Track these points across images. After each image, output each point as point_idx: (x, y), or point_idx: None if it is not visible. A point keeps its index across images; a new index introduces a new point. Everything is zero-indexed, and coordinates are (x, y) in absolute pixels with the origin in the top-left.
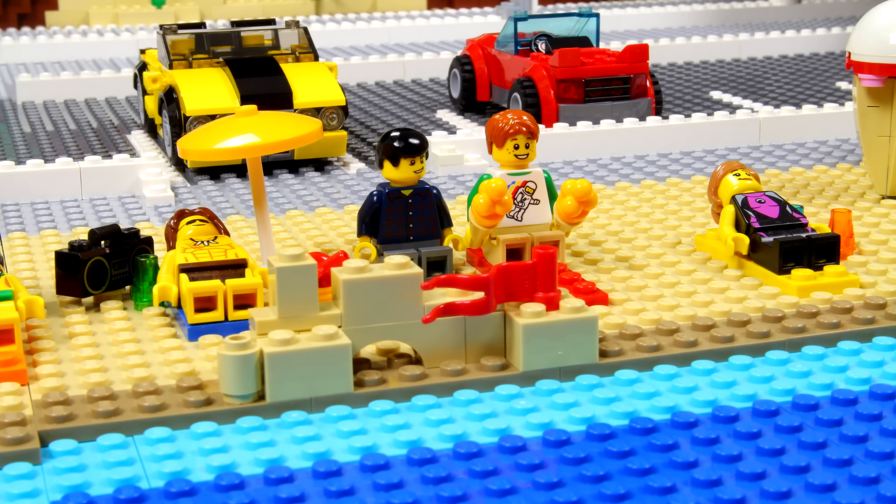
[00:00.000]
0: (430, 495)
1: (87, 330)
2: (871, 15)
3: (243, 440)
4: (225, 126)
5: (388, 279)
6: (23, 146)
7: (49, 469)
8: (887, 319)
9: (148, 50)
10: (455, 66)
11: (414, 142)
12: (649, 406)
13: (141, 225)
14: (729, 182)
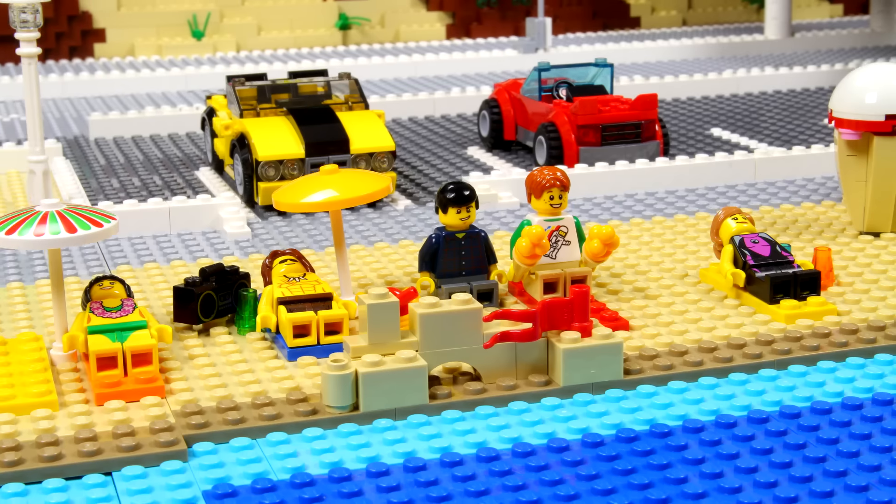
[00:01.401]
0: (497, 484)
1: (203, 352)
2: (849, 78)
3: (345, 442)
4: (310, 182)
5: (456, 313)
6: (108, 185)
7: (195, 465)
8: (859, 343)
9: (214, 96)
10: (484, 108)
11: (463, 194)
12: (665, 414)
13: (227, 259)
14: (728, 225)
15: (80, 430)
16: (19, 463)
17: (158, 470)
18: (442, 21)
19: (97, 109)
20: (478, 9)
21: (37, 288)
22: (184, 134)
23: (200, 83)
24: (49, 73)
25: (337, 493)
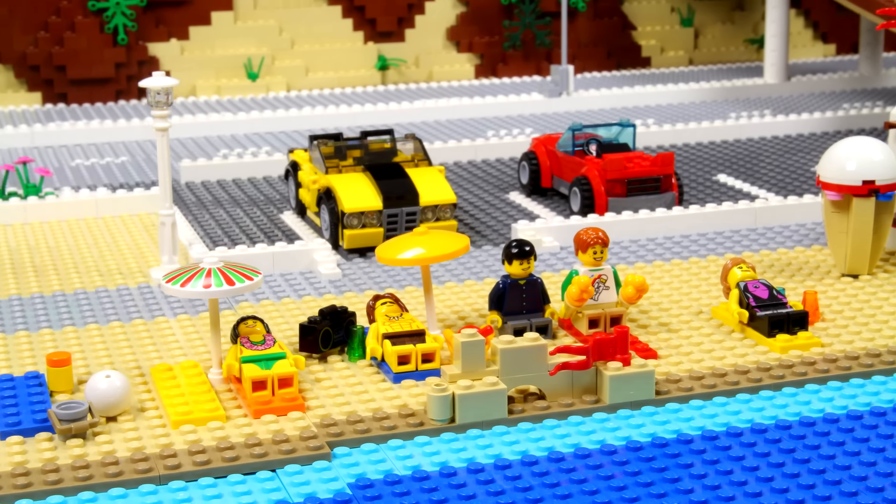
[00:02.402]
0: (564, 479)
1: (326, 376)
2: (833, 148)
3: (447, 446)
4: (405, 241)
5: (528, 348)
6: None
7: (338, 464)
8: (838, 370)
9: (296, 150)
10: (524, 159)
11: (525, 250)
12: (687, 426)
13: (328, 297)
14: (735, 273)
15: (248, 437)
16: (207, 463)
17: (311, 468)
18: (471, 62)
19: (177, 150)
20: (504, 51)
21: (179, 322)
22: (261, 178)
23: (264, 126)
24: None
25: (447, 485)
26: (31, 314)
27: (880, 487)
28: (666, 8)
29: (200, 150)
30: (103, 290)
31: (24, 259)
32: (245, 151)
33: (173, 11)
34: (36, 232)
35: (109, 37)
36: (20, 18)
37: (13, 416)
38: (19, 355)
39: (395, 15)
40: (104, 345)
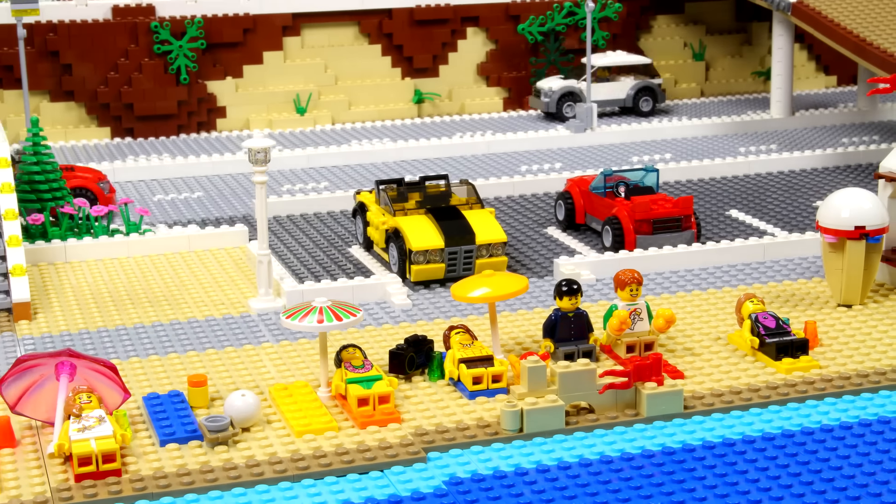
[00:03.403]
0: (615, 477)
1: (413, 394)
2: (830, 198)
3: (518, 451)
4: (475, 281)
5: (581, 371)
6: (294, 264)
7: (432, 466)
8: (833, 388)
9: (363, 192)
10: (560, 198)
11: (573, 288)
12: (710, 434)
13: (406, 326)
14: (747, 305)
15: (359, 444)
16: (329, 465)
17: (411, 469)
18: (499, 95)
19: (243, 185)
20: (530, 85)
21: (282, 347)
22: (325, 213)
23: (317, 160)
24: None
25: (523, 482)
26: (156, 340)
27: (864, 484)
28: (679, 43)
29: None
30: (213, 319)
31: (138, 291)
32: (306, 187)
33: (229, 52)
34: (140, 266)
35: (173, 77)
36: (92, 61)
37: (168, 428)
38: (157, 376)
39: (430, 53)
40: (224, 367)
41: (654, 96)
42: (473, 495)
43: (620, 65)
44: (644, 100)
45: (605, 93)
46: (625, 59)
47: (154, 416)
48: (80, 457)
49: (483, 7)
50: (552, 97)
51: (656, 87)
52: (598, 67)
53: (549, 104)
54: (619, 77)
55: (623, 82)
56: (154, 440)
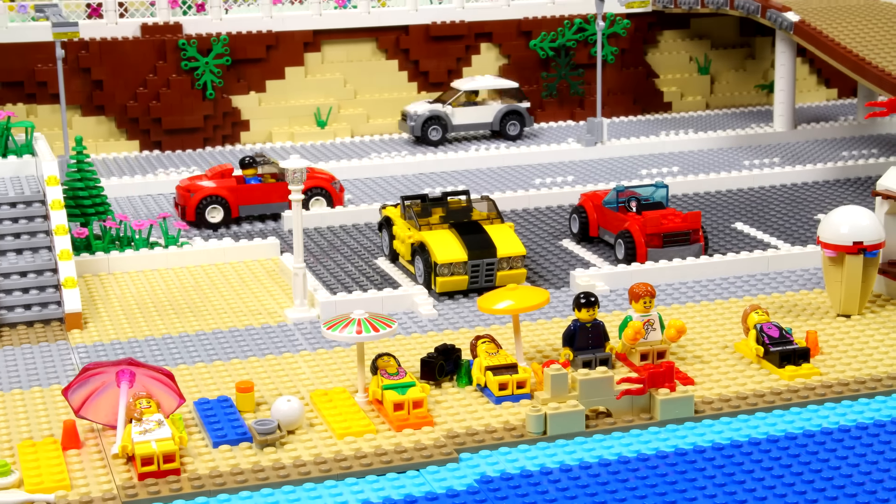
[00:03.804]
0: (631, 476)
1: (443, 399)
2: (830, 215)
3: (542, 452)
4: (500, 295)
5: (600, 378)
6: (325, 275)
7: (464, 466)
8: (832, 393)
9: (388, 206)
10: (574, 212)
11: (591, 300)
12: (719, 437)
13: (433, 335)
14: (752, 316)
15: (396, 446)
16: (370, 465)
17: (445, 468)
18: None
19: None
20: (541, 98)
21: (318, 355)
22: (350, 225)
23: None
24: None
25: (548, 480)
26: (200, 348)
27: (861, 482)
28: (685, 58)
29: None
30: (252, 329)
31: (179, 301)
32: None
33: (252, 68)
34: (179, 277)
35: (199, 92)
36: (122, 77)
37: (220, 431)
38: (204, 382)
39: (446, 67)
40: (266, 373)
41: (521, 120)
42: (503, 493)
43: (488, 88)
44: (511, 123)
45: (472, 117)
46: (492, 84)
47: (206, 420)
48: (142, 457)
49: (496, 23)
50: (417, 121)
51: (524, 111)
52: (463, 91)
53: (415, 128)
54: (487, 101)
55: (490, 106)
56: (207, 442)
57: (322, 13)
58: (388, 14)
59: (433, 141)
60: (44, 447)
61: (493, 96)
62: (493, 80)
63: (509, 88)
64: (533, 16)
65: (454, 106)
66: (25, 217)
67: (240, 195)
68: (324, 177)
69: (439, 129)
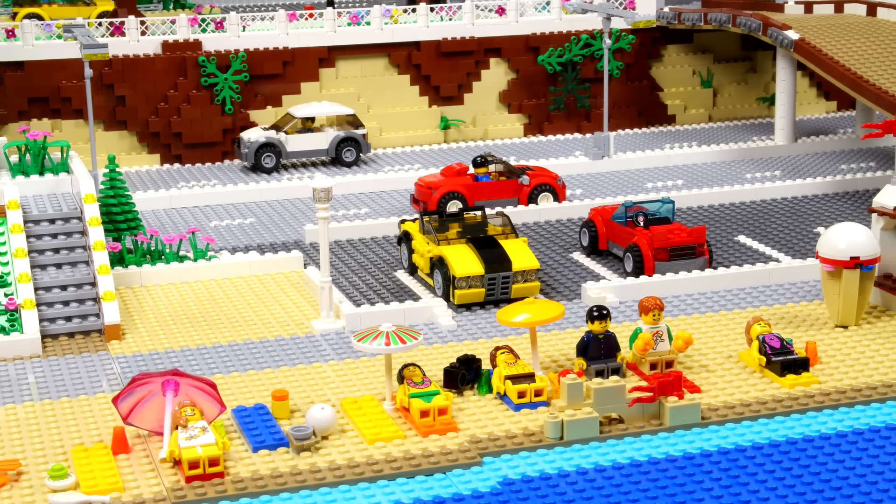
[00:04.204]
0: (643, 479)
1: (466, 406)
2: (829, 231)
3: (560, 456)
4: (518, 308)
5: (613, 387)
6: (347, 287)
7: (487, 469)
8: (830, 401)
9: (407, 221)
10: (584, 226)
11: (603, 313)
12: (725, 441)
13: (454, 345)
14: (755, 328)
15: (423, 450)
16: (399, 468)
17: (469, 471)
18: (520, 121)
19: (290, 211)
20: (549, 112)
21: (346, 364)
22: (369, 238)
23: (356, 187)
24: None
25: (565, 482)
26: (234, 358)
27: (857, 484)
28: (688, 71)
29: (312, 212)
30: (281, 339)
31: (210, 312)
32: (348, 213)
33: (269, 83)
34: (209, 289)
35: (218, 107)
36: (144, 93)
37: (259, 436)
38: (240, 391)
39: (456, 82)
40: (297, 382)
41: (357, 147)
42: (524, 494)
43: (324, 115)
44: (347, 150)
45: (308, 143)
46: (328, 110)
47: (245, 426)
48: (189, 461)
49: (505, 39)
50: (251, 148)
51: (360, 138)
52: (299, 118)
53: (248, 155)
54: (324, 128)
55: (326, 133)
56: (247, 447)
57: (336, 30)
58: (401, 30)
59: (267, 168)
60: (95, 452)
61: (331, 122)
62: (330, 106)
63: (346, 115)
64: (541, 32)
65: (289, 133)
66: (64, 233)
67: (474, 191)
68: (550, 174)
69: (273, 156)
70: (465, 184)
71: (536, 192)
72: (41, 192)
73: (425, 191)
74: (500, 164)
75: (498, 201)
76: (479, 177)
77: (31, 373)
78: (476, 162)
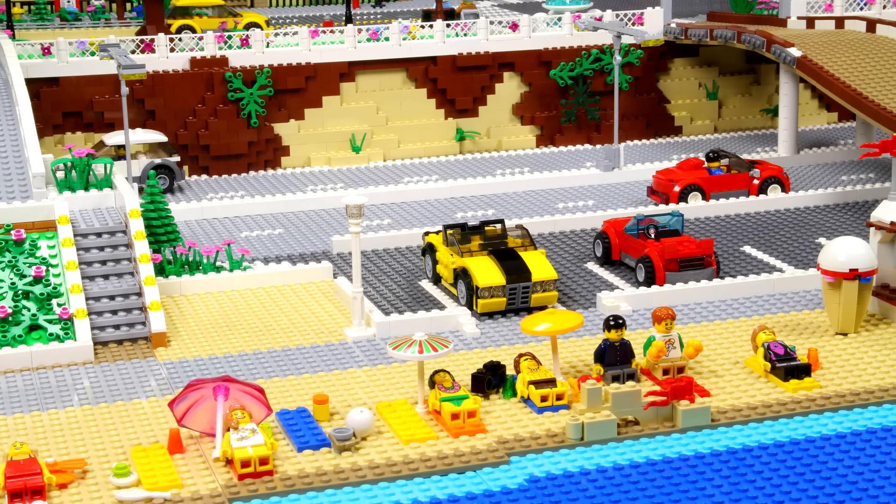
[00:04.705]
0: (658, 476)
1: (492, 409)
2: (830, 244)
3: (581, 455)
4: (539, 318)
5: (629, 392)
6: (375, 297)
7: (514, 467)
8: (830, 404)
9: (430, 234)
10: (598, 238)
11: (619, 322)
12: (733, 442)
13: (478, 352)
14: (761, 336)
15: (455, 450)
16: (434, 466)
17: (498, 469)
18: (532, 133)
19: (316, 222)
20: (560, 124)
21: (379, 370)
22: (394, 248)
23: (376, 199)
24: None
25: (587, 480)
26: (273, 364)
27: (855, 481)
28: (694, 84)
29: (338, 223)
30: (319, 346)
31: (248, 320)
32: (371, 224)
33: (292, 97)
34: (245, 298)
35: (244, 121)
36: (173, 108)
37: (302, 438)
38: (281, 395)
39: (471, 95)
40: (334, 387)
41: (171, 174)
42: (549, 490)
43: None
44: (160, 178)
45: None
46: (141, 138)
47: (289, 428)
48: (241, 461)
49: (518, 54)
50: None
51: (173, 165)
52: (111, 146)
53: None
54: (137, 155)
55: (139, 160)
56: (292, 447)
57: (356, 46)
58: (418, 46)
59: None
60: (153, 452)
61: (144, 150)
62: (143, 133)
63: (159, 142)
64: (552, 47)
65: None
66: (110, 246)
67: (710, 183)
68: (776, 168)
69: None
70: (702, 177)
71: (766, 184)
72: (86, 206)
73: (666, 183)
74: (731, 158)
75: (731, 193)
76: (713, 170)
77: (86, 378)
78: (709, 157)
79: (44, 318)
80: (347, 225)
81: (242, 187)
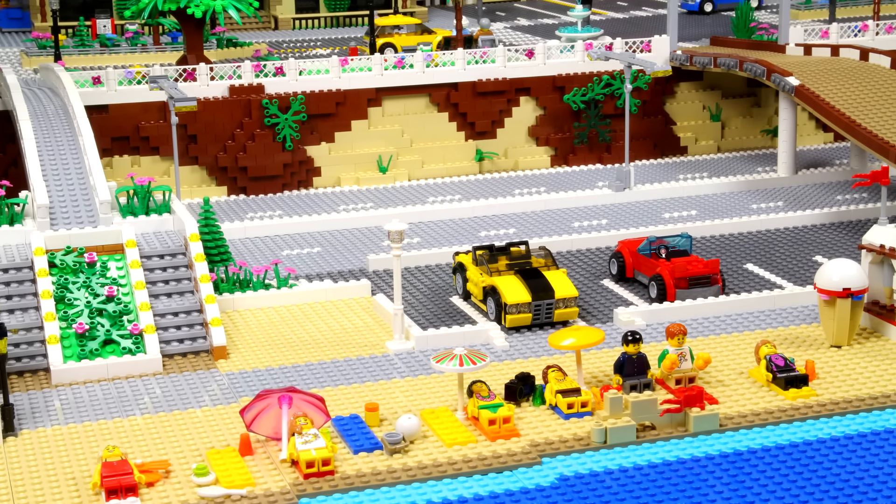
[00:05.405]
0: (673, 475)
1: (524, 416)
2: (825, 266)
3: (605, 457)
4: (565, 334)
5: (647, 400)
6: (414, 313)
7: (546, 467)
8: (825, 411)
9: (460, 254)
10: (614, 257)
11: (636, 337)
12: (738, 445)
13: (508, 363)
14: (762, 349)
15: (493, 452)
16: (475, 467)
17: (532, 469)
18: (547, 153)
19: (351, 241)
20: (573, 145)
21: (420, 380)
22: (424, 265)
23: (405, 218)
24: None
25: (609, 478)
26: (324, 375)
27: (848, 479)
28: (699, 106)
29: (371, 242)
30: (364, 358)
31: (298, 334)
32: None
33: (323, 121)
34: (292, 313)
35: (279, 144)
36: (212, 133)
37: (357, 441)
38: (336, 403)
39: (490, 118)
40: (381, 395)
41: None
42: (577, 488)
43: None
44: None
45: None
46: None
47: (344, 433)
48: (306, 462)
49: (534, 80)
50: None
51: None
52: None
53: None
54: None
55: None
56: (348, 450)
57: (383, 73)
58: (440, 73)
59: None
60: (227, 454)
61: None
62: None
63: None
64: (566, 73)
65: None
66: (171, 266)
67: None
68: None
69: None
70: None
71: None
72: (148, 230)
73: None
74: None
75: None
76: None
77: (158, 387)
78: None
79: (117, 334)
80: (383, 245)
81: (279, 206)
